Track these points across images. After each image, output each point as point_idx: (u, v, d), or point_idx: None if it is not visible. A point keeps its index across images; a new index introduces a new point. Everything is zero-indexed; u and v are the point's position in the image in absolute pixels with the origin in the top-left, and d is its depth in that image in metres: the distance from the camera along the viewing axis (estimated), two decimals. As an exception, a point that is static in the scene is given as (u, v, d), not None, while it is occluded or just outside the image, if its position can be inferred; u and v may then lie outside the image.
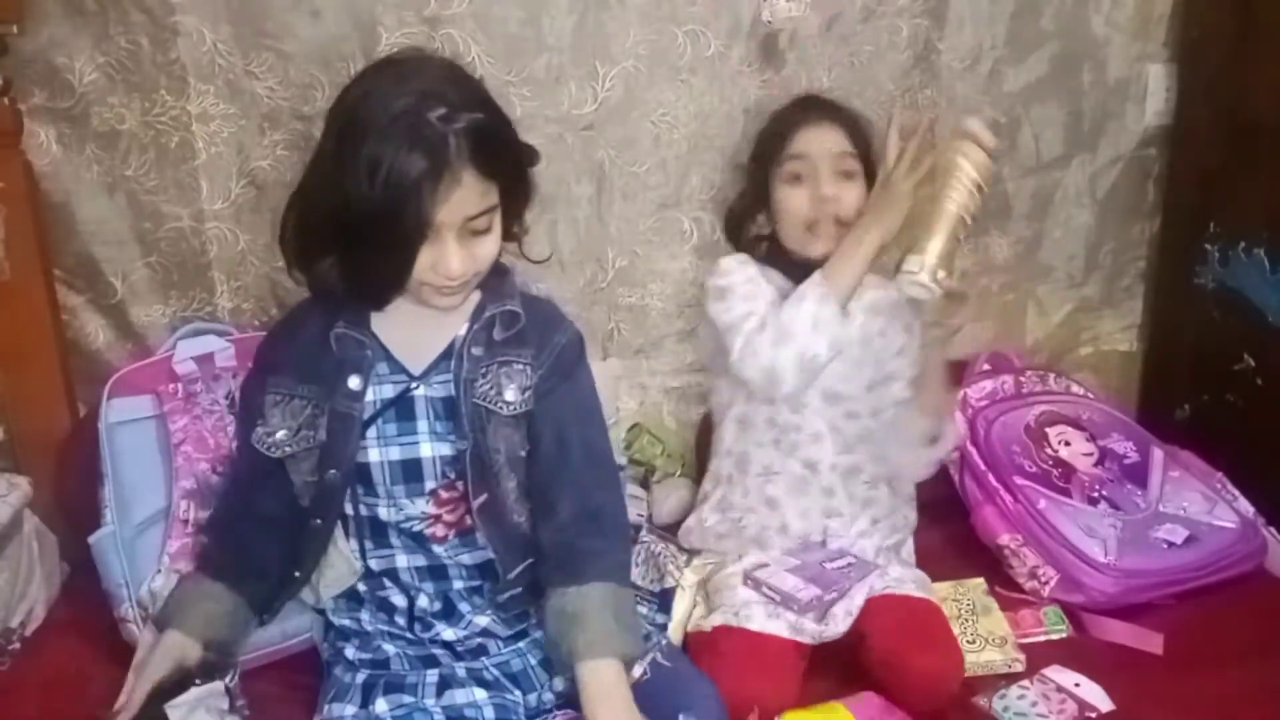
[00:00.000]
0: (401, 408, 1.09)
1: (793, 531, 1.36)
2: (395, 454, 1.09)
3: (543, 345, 1.13)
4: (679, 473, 1.61)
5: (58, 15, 1.35)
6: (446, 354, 1.10)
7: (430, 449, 1.09)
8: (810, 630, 1.25)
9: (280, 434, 1.10)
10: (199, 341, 1.41)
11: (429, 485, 1.10)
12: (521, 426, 1.12)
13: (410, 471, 1.09)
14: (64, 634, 1.34)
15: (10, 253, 1.36)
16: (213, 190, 1.45)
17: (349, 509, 1.12)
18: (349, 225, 0.97)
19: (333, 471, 1.08)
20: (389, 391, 1.09)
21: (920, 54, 1.59)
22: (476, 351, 1.09)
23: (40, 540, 1.38)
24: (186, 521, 1.30)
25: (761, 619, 1.25)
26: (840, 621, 1.26)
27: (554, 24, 1.47)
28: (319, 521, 1.11)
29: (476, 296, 1.11)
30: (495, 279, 1.11)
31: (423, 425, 1.09)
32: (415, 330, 1.10)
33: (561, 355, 1.14)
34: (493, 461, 1.10)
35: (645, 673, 1.09)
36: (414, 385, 1.09)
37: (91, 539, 1.30)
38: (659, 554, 1.37)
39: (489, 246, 1.04)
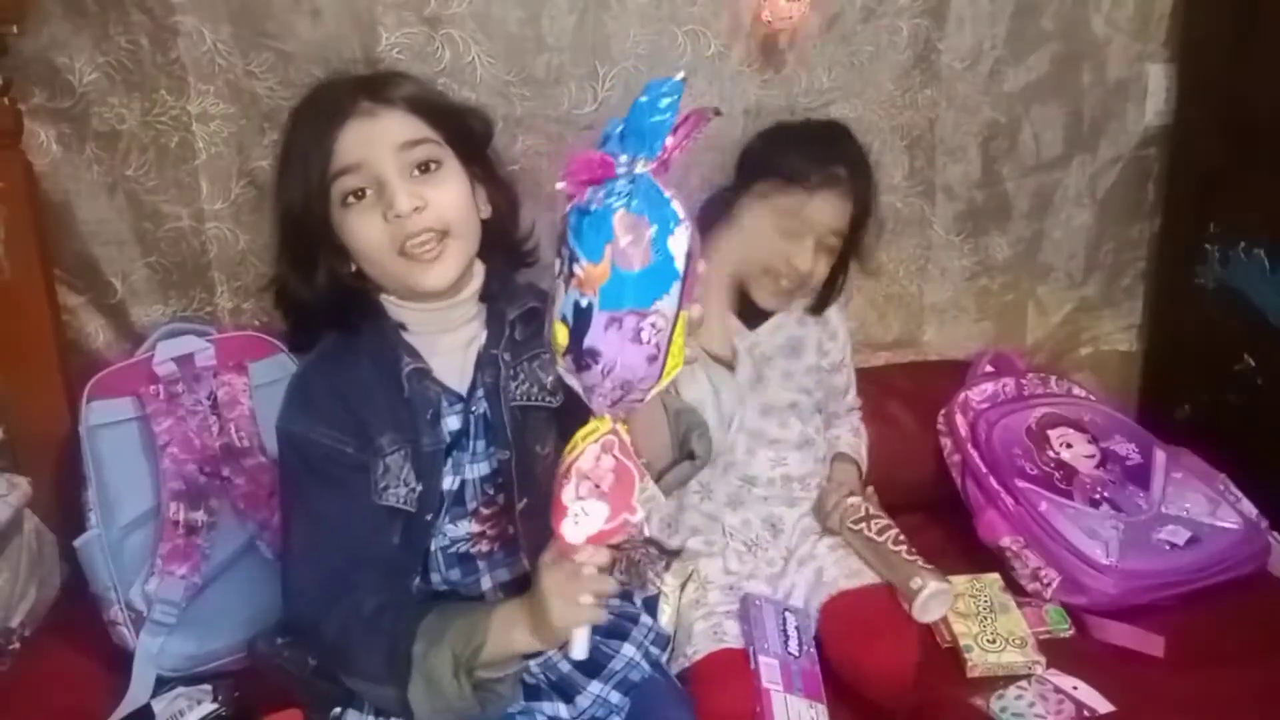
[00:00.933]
0: (465, 436, 1.07)
1: (740, 537, 1.39)
2: (453, 482, 1.06)
3: None
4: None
5: (58, 15, 1.35)
6: (476, 368, 1.07)
7: (471, 470, 1.07)
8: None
9: (402, 490, 1.02)
10: (178, 342, 1.41)
11: (471, 506, 1.08)
12: (554, 418, 1.08)
13: (457, 496, 1.07)
14: (64, 634, 1.33)
15: (10, 253, 1.36)
16: (213, 190, 1.45)
17: None
18: (293, 226, 0.98)
19: (429, 516, 1.04)
20: (455, 422, 1.06)
21: (920, 54, 1.59)
22: (507, 357, 1.07)
23: (40, 540, 1.38)
24: (177, 523, 1.30)
25: (735, 634, 1.28)
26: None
27: (554, 24, 1.47)
28: (417, 578, 1.08)
29: (482, 307, 1.08)
30: (496, 285, 1.09)
31: (471, 447, 1.07)
32: (448, 356, 1.06)
33: None
34: (536, 463, 1.08)
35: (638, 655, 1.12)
36: (472, 409, 1.06)
37: (77, 543, 1.30)
38: (639, 561, 1.36)
39: (444, 190, 1.00)
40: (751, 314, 1.40)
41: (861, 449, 1.51)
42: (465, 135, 1.05)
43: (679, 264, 0.79)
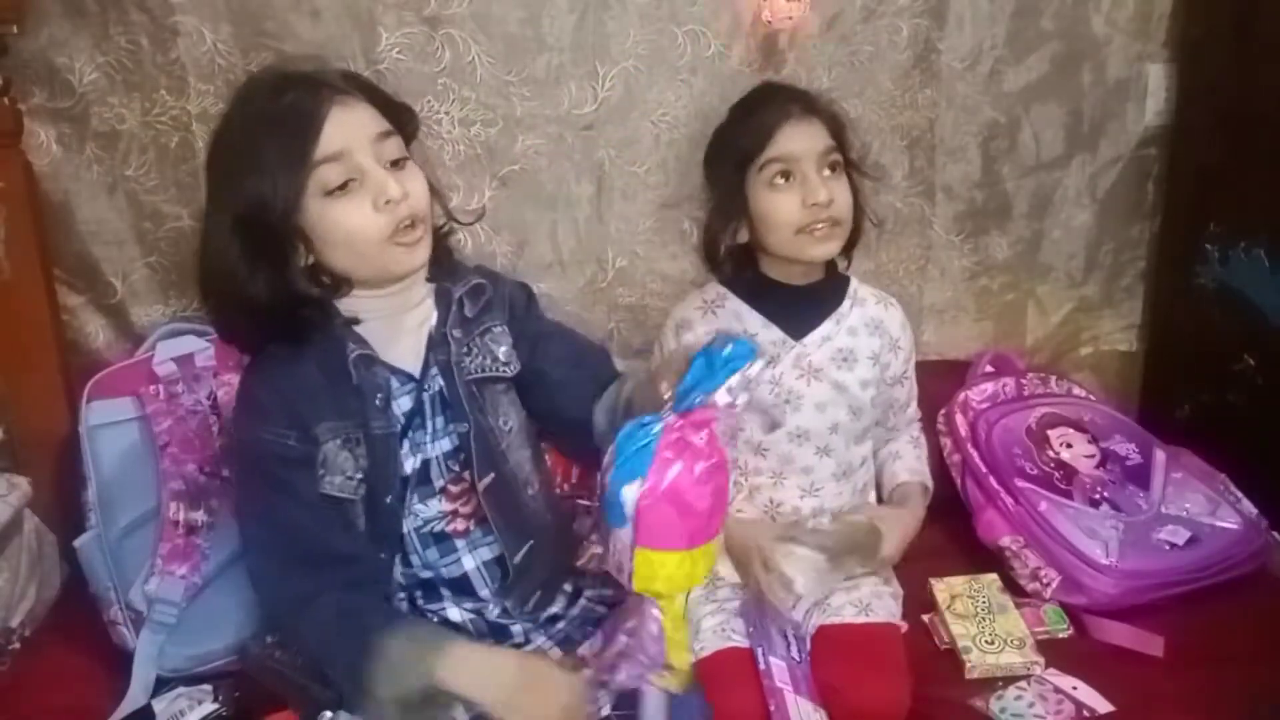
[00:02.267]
0: (419, 416, 1.08)
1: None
2: (414, 462, 1.08)
3: (502, 304, 1.14)
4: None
5: (58, 15, 1.36)
6: (430, 348, 1.09)
7: (435, 447, 1.09)
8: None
9: (338, 479, 1.04)
10: (178, 342, 1.41)
11: (438, 484, 1.10)
12: (513, 390, 1.13)
13: (422, 475, 1.09)
14: (64, 634, 1.34)
15: (10, 253, 1.36)
16: (213, 190, 1.45)
17: None
18: (256, 224, 0.96)
19: (390, 498, 1.06)
20: (407, 403, 1.08)
21: (920, 54, 1.59)
22: (457, 334, 1.09)
23: (40, 540, 1.38)
24: (177, 523, 1.30)
25: (744, 633, 1.27)
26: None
27: (554, 24, 1.47)
28: (384, 556, 1.09)
29: (430, 287, 1.10)
30: (443, 264, 1.11)
31: (430, 425, 1.09)
32: (396, 338, 1.08)
33: (514, 301, 1.16)
34: (499, 438, 1.10)
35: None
36: (425, 388, 1.08)
37: (76, 543, 1.31)
38: None
39: (417, 178, 1.02)
40: (796, 323, 1.34)
41: (922, 464, 1.45)
42: (406, 129, 1.07)
43: (627, 510, 0.88)
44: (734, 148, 1.33)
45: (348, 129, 0.97)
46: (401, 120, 1.05)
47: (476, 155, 1.50)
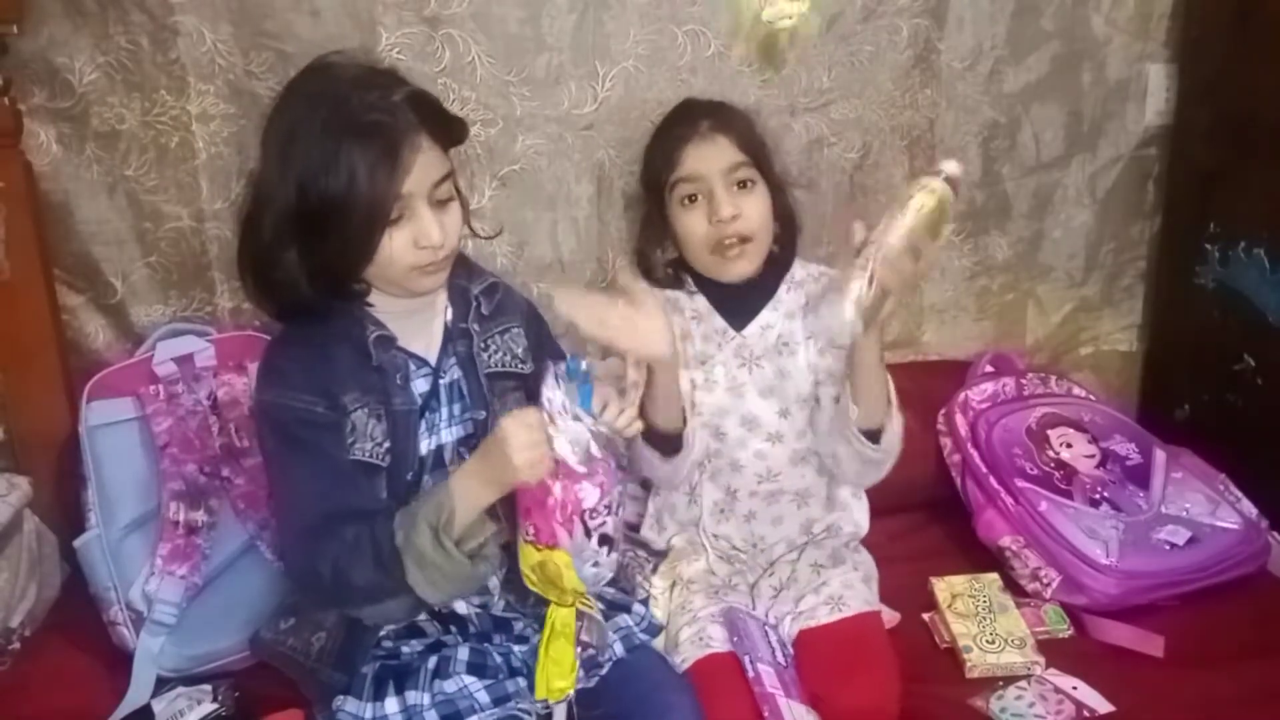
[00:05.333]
0: (435, 399, 1.13)
1: (720, 547, 1.38)
2: (430, 444, 1.12)
3: (517, 310, 1.21)
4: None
5: (58, 15, 1.36)
6: (446, 339, 1.14)
7: (448, 433, 1.13)
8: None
9: (369, 445, 1.07)
10: (178, 342, 1.41)
11: (450, 468, 1.13)
12: (522, 390, 1.17)
13: (436, 459, 1.13)
14: (64, 634, 1.34)
15: (10, 253, 1.36)
16: (213, 190, 1.45)
17: None
18: (317, 224, 0.99)
19: (409, 475, 1.10)
20: (423, 385, 1.12)
21: (920, 54, 1.59)
22: (476, 328, 1.14)
23: (40, 540, 1.39)
24: (177, 524, 1.30)
25: (721, 639, 1.25)
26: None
27: (554, 24, 1.47)
28: None
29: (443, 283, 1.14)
30: (458, 261, 1.15)
31: (445, 412, 1.13)
32: (414, 326, 1.12)
33: (529, 315, 1.24)
34: None
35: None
36: (441, 376, 1.13)
37: (76, 543, 1.31)
38: (628, 564, 1.34)
39: (456, 215, 1.07)
40: (738, 311, 1.35)
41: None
42: (457, 141, 1.10)
43: None
44: (649, 169, 1.36)
45: (416, 176, 1.01)
46: (455, 135, 1.09)
47: (476, 155, 1.50)
